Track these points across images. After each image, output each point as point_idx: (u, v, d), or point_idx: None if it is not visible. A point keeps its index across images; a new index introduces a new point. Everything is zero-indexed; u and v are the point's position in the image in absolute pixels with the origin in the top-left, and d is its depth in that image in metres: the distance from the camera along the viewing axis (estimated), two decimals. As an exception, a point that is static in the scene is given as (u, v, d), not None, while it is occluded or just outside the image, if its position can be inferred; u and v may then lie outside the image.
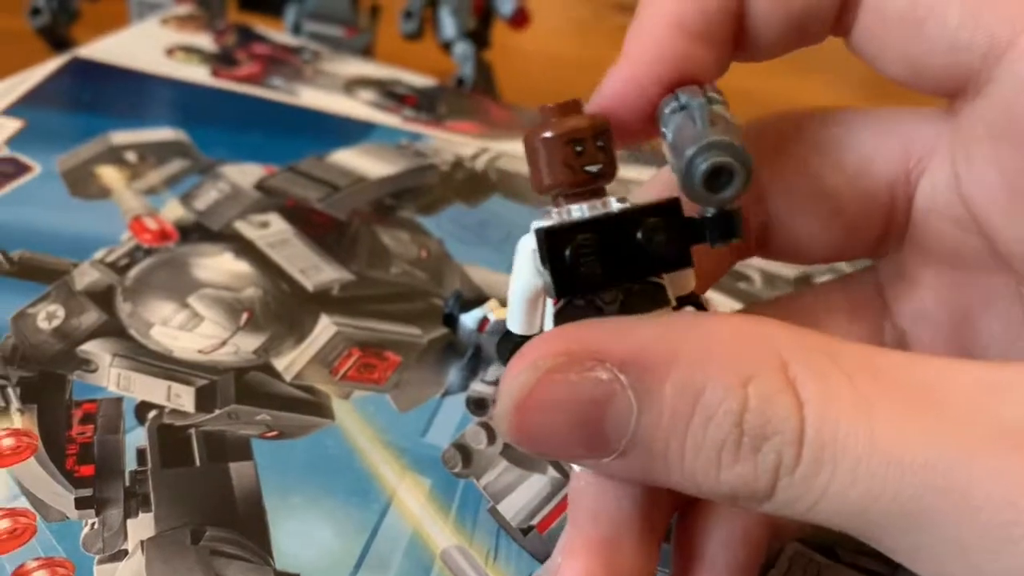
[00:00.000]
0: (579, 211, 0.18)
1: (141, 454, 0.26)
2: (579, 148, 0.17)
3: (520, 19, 0.51)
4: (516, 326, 0.19)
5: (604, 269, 0.17)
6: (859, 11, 0.20)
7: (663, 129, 0.18)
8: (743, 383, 0.16)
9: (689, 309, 0.18)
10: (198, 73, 0.44)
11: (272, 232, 0.34)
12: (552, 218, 0.18)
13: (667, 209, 0.17)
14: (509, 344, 0.18)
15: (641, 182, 0.23)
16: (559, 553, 0.20)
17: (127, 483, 0.25)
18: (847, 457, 0.15)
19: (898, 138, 0.21)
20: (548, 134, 0.17)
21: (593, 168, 0.18)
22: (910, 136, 0.21)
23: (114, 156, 0.38)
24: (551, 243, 0.17)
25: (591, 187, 0.18)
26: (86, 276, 0.31)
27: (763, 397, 0.16)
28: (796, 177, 0.21)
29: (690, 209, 0.17)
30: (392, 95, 0.45)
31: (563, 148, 0.17)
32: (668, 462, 0.16)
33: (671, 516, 0.21)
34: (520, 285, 0.18)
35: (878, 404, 0.15)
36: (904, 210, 0.21)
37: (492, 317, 0.29)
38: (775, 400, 0.16)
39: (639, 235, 0.17)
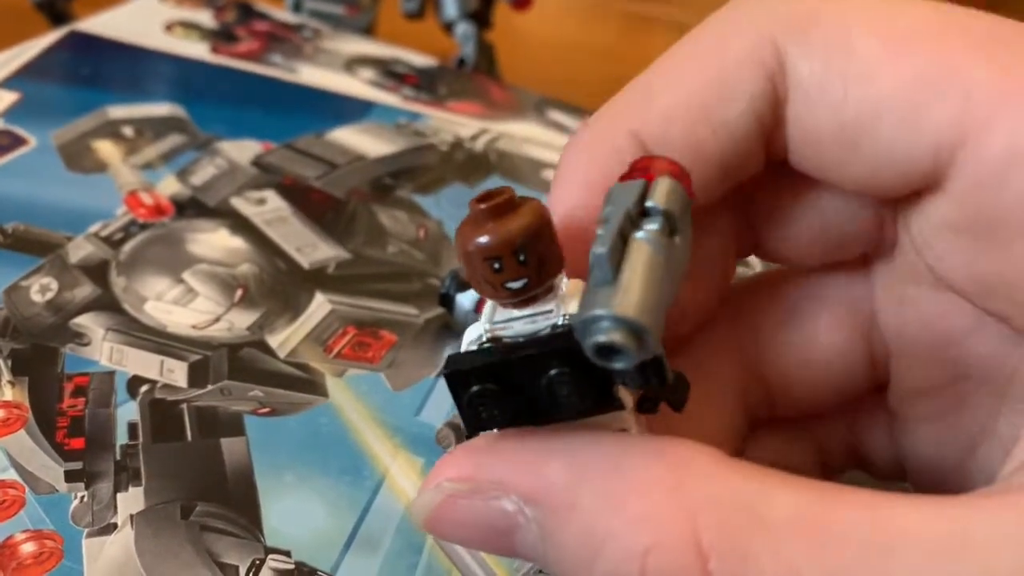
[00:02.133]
0: (509, 319, 0.16)
1: (132, 428, 0.25)
2: (496, 265, 0.15)
3: (522, 1, 0.51)
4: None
5: (505, 417, 0.16)
6: (788, 139, 0.19)
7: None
8: (643, 551, 0.15)
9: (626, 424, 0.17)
10: (197, 49, 0.44)
11: (269, 209, 0.34)
12: (479, 328, 0.16)
13: (572, 354, 0.15)
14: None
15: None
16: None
17: (118, 457, 0.25)
18: None
19: (859, 284, 0.21)
20: (467, 247, 0.16)
21: (514, 285, 0.16)
22: (871, 280, 0.21)
23: (111, 130, 0.37)
24: (452, 387, 0.16)
25: (519, 299, 0.16)
26: (80, 249, 0.31)
27: (665, 570, 0.15)
28: (787, 192, 0.21)
29: None
30: (392, 74, 0.45)
31: (481, 264, 0.15)
32: None
33: None
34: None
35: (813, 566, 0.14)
36: (892, 229, 0.20)
37: (488, 297, 0.28)
38: (678, 569, 0.14)
39: (543, 384, 0.15)
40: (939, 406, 0.21)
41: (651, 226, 0.15)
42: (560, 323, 0.16)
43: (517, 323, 0.16)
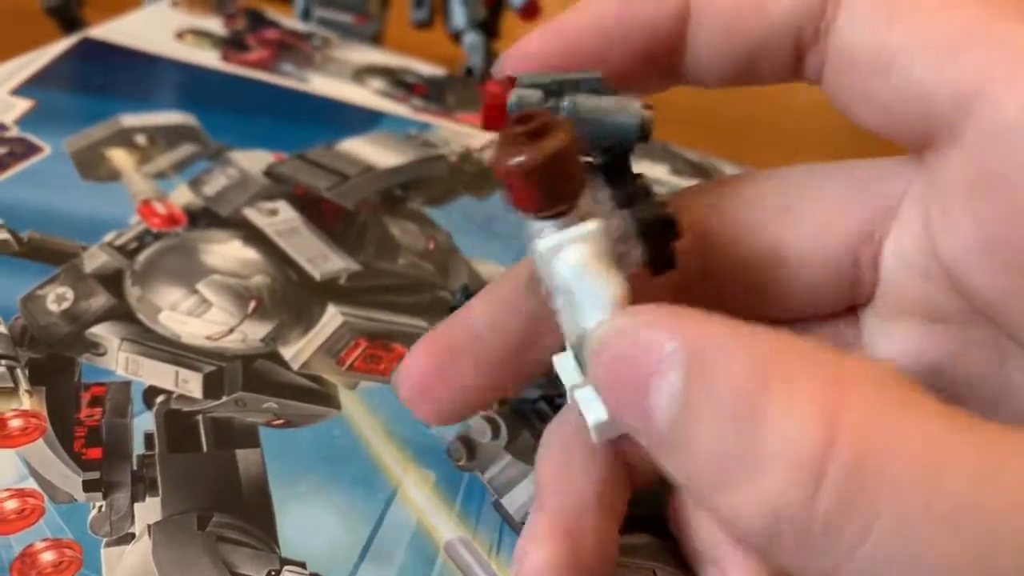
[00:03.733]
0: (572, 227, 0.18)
1: (149, 438, 0.26)
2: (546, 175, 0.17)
3: (531, 10, 0.51)
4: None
5: None
6: (826, 57, 0.20)
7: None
8: (763, 398, 0.14)
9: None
10: (208, 57, 0.44)
11: (281, 220, 0.34)
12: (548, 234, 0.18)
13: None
14: None
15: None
16: (525, 540, 0.21)
17: (134, 467, 0.25)
18: (898, 504, 0.13)
19: (861, 196, 0.21)
20: (515, 162, 0.17)
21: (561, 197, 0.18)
22: (874, 192, 0.21)
23: (124, 139, 0.38)
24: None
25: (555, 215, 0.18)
26: (95, 259, 0.31)
27: (787, 418, 0.14)
28: (751, 244, 0.21)
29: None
30: (402, 84, 0.45)
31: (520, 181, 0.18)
32: (690, 464, 0.16)
33: (627, 501, 0.22)
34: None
35: (958, 460, 0.14)
36: (871, 269, 0.21)
37: (499, 312, 0.29)
38: (801, 425, 0.14)
39: None
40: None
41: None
42: None
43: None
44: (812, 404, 0.14)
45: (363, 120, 0.41)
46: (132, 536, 0.23)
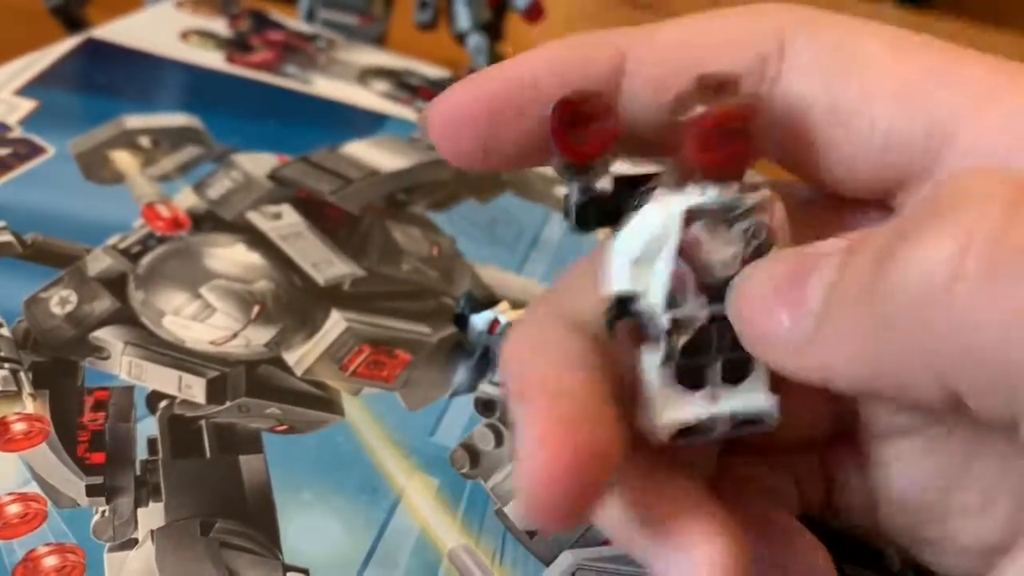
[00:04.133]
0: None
1: (152, 443, 0.26)
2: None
3: (534, 12, 0.51)
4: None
5: None
6: (773, 116, 0.19)
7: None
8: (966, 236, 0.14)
9: None
10: (212, 58, 0.44)
11: (285, 224, 0.34)
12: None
13: None
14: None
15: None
16: (526, 442, 0.17)
17: (138, 472, 0.25)
18: None
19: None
20: (699, 112, 0.18)
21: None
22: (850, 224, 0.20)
23: (128, 140, 0.38)
24: None
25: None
26: (99, 262, 0.31)
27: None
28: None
29: None
30: (406, 86, 0.45)
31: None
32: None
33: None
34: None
35: None
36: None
37: (503, 319, 0.29)
38: None
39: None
40: (911, 448, 0.20)
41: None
42: None
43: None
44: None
45: (367, 123, 0.41)
46: (135, 541, 0.23)
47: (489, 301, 0.30)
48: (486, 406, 0.28)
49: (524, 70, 0.20)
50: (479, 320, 0.29)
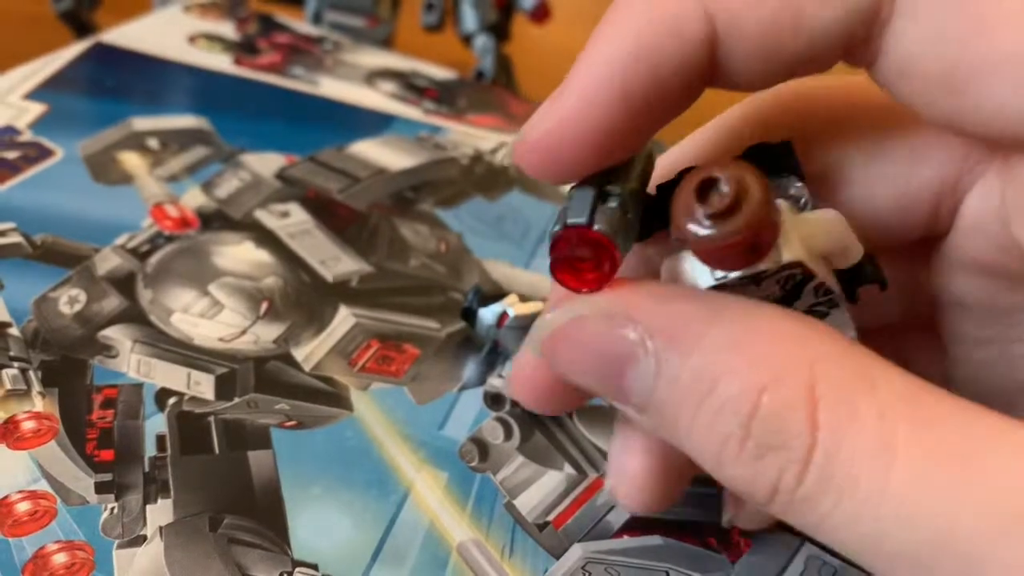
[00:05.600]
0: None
1: (160, 440, 0.26)
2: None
3: (541, 13, 0.51)
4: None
5: None
6: (881, 56, 0.18)
7: None
8: (760, 387, 0.15)
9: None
10: (220, 61, 0.44)
11: (293, 222, 0.34)
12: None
13: None
14: None
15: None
16: (620, 453, 0.21)
17: (146, 469, 0.25)
18: (854, 495, 0.15)
19: (953, 144, 0.19)
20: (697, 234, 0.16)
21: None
22: (967, 146, 0.19)
23: (136, 142, 0.38)
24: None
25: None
26: (107, 261, 0.31)
27: (777, 408, 0.15)
28: (834, 167, 0.20)
29: None
30: (413, 87, 0.45)
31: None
32: (679, 434, 0.17)
33: None
34: None
35: (905, 449, 0.15)
36: (948, 217, 0.20)
37: (511, 312, 0.29)
38: (788, 415, 0.15)
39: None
40: (996, 331, 0.20)
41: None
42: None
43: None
44: (796, 400, 0.15)
45: (374, 123, 0.41)
46: (144, 538, 0.23)
47: (497, 294, 0.29)
48: (495, 399, 0.28)
49: (612, 71, 0.17)
50: (487, 314, 0.29)
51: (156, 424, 0.26)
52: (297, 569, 0.23)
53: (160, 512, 0.24)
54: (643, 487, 0.21)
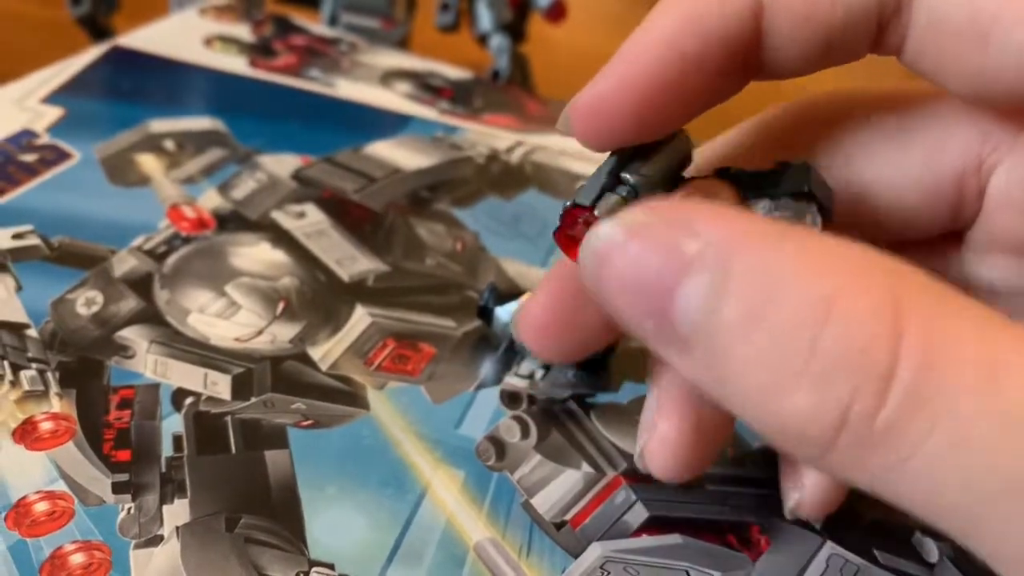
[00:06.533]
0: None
1: (177, 440, 0.26)
2: None
3: (556, 12, 0.51)
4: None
5: None
6: (908, 29, 0.18)
7: None
8: (829, 296, 0.13)
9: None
10: (236, 63, 0.44)
11: (309, 222, 0.34)
12: None
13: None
14: None
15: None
16: (652, 414, 0.21)
17: (163, 469, 0.25)
18: (956, 415, 0.12)
19: (974, 125, 0.20)
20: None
21: None
22: (988, 125, 0.20)
23: (153, 144, 0.38)
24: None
25: None
26: (124, 263, 0.31)
27: (850, 318, 0.13)
28: (857, 158, 0.21)
29: None
30: (428, 87, 0.45)
31: None
32: (728, 368, 0.14)
33: None
34: None
35: (1017, 363, 0.12)
36: (974, 199, 0.20)
37: (528, 310, 0.28)
38: (867, 323, 0.13)
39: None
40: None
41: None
42: None
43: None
44: (877, 308, 0.13)
45: (390, 123, 0.41)
46: (161, 538, 0.23)
47: (513, 293, 0.29)
48: (512, 398, 0.28)
49: (663, 36, 0.18)
50: (503, 312, 0.29)
51: (173, 424, 0.26)
52: (314, 569, 0.23)
53: (177, 512, 0.24)
54: (675, 453, 0.20)
